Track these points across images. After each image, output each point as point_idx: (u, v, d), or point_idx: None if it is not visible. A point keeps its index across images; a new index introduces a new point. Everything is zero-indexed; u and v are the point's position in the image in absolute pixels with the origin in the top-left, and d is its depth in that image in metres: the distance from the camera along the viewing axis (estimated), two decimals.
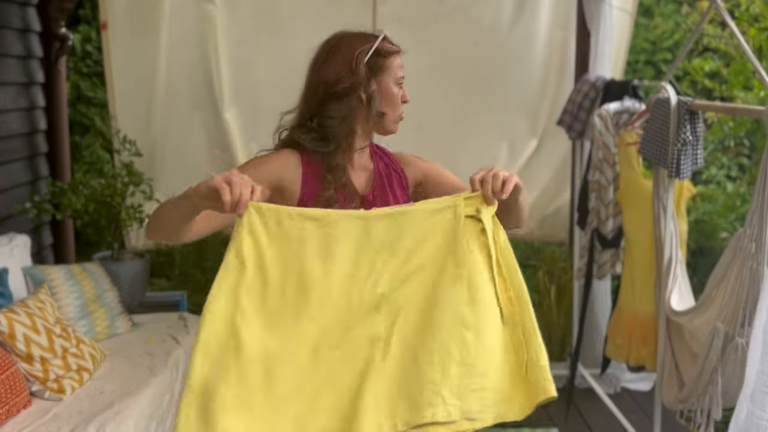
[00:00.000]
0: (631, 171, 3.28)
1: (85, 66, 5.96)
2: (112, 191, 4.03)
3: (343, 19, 4.99)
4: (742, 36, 2.68)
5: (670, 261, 2.84)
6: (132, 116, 4.56)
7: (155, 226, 1.80)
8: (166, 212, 1.74)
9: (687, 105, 2.70)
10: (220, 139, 4.73)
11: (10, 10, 3.94)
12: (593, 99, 3.77)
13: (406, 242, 1.56)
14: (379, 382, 1.50)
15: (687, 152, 2.72)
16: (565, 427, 3.83)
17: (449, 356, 1.51)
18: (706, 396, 2.44)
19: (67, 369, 2.95)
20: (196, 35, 4.52)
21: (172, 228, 1.75)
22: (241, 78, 4.65)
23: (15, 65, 4.00)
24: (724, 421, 3.92)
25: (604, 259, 3.54)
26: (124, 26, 4.39)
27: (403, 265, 1.55)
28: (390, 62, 1.85)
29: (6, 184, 3.86)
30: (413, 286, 1.55)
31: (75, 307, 3.45)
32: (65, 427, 2.62)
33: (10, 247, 3.49)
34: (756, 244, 2.28)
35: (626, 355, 3.29)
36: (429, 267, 1.56)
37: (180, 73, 4.57)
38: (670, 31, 7.38)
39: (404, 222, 1.57)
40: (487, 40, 4.60)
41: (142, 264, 4.17)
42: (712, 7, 2.77)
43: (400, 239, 1.56)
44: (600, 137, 3.32)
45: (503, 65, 4.65)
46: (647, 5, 7.52)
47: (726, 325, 2.36)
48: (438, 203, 1.62)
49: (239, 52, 4.60)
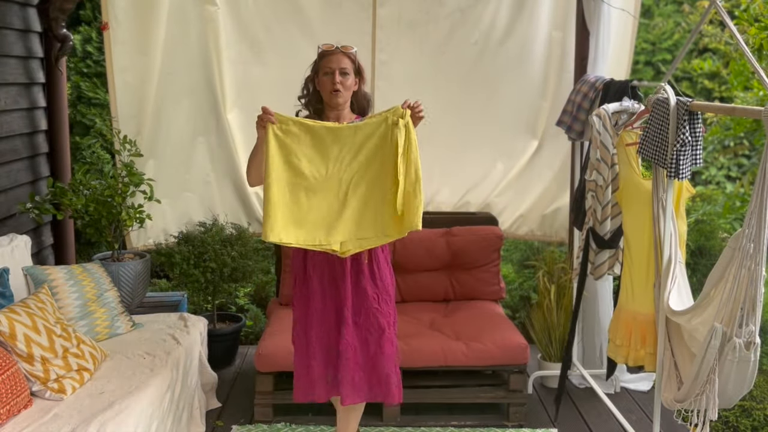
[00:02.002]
0: (631, 171, 3.28)
1: (85, 66, 5.96)
2: (112, 191, 4.03)
3: (343, 20, 5.01)
4: (741, 36, 2.68)
5: (670, 261, 2.85)
6: (133, 117, 4.56)
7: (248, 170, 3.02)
8: (250, 156, 3.01)
9: (686, 105, 2.70)
10: (221, 140, 4.74)
11: (11, 10, 3.94)
12: (593, 99, 3.77)
13: (359, 140, 2.87)
14: (342, 211, 2.89)
15: (686, 153, 2.72)
16: (565, 427, 3.84)
17: (375, 203, 2.89)
18: (704, 396, 2.45)
19: (67, 369, 2.96)
20: (198, 36, 4.53)
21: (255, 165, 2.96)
22: (242, 79, 4.66)
23: (16, 65, 4.00)
24: (723, 421, 3.93)
25: (601, 260, 3.54)
26: (126, 27, 4.40)
27: (357, 152, 2.87)
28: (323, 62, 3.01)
29: (7, 184, 3.87)
30: (363, 163, 2.88)
31: (75, 307, 3.46)
32: (66, 427, 2.63)
33: (11, 247, 3.49)
34: (754, 245, 2.28)
35: (625, 356, 3.29)
36: (371, 153, 2.87)
37: (181, 74, 4.58)
38: (669, 32, 7.38)
39: (359, 130, 2.87)
40: (485, 41, 4.61)
41: (142, 264, 4.18)
42: (711, 6, 2.78)
43: (355, 138, 2.87)
44: (598, 137, 3.32)
45: (502, 66, 4.65)
46: (647, 5, 7.53)
47: (724, 325, 2.36)
48: (378, 117, 2.88)
49: (240, 53, 4.61)
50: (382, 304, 3.03)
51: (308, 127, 2.85)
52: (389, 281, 3.10)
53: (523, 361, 3.79)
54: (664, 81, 2.93)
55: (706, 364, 2.40)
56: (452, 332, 3.92)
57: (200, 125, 4.69)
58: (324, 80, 3.00)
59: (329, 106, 3.04)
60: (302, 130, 2.84)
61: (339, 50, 3.00)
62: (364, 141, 2.86)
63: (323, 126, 2.87)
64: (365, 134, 2.86)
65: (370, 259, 3.01)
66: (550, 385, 4.31)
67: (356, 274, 3.00)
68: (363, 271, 3.00)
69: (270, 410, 3.82)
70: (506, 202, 4.86)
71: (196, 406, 3.63)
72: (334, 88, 2.96)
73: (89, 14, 6.06)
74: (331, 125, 2.88)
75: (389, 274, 3.11)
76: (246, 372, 4.50)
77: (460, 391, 3.85)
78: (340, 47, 3.01)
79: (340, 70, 2.96)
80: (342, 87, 2.97)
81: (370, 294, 3.00)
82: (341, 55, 2.99)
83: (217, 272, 4.41)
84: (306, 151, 2.84)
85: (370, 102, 3.16)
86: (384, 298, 3.04)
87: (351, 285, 2.99)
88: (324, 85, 3.00)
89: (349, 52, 3.02)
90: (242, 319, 4.78)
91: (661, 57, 7.31)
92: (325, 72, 2.99)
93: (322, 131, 2.85)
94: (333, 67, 2.97)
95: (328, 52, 3.01)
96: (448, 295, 4.44)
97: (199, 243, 4.43)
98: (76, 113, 5.79)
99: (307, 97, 3.09)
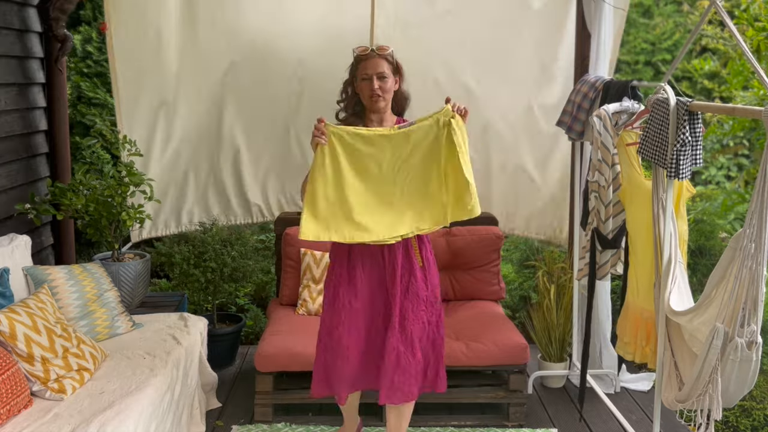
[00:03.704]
0: (633, 170, 3.29)
1: (85, 66, 5.96)
2: (112, 191, 4.03)
3: (342, 21, 5.00)
4: (741, 36, 2.68)
5: (670, 261, 2.85)
6: (135, 117, 4.57)
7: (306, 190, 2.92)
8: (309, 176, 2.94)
9: (686, 105, 2.70)
10: (222, 139, 4.74)
11: (10, 10, 3.94)
12: (593, 99, 3.76)
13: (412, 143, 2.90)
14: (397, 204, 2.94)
15: (686, 153, 2.72)
16: (565, 427, 3.84)
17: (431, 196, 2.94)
18: (707, 396, 2.44)
19: (67, 369, 2.95)
20: (199, 36, 4.53)
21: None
22: (243, 78, 4.66)
23: (15, 66, 4.00)
24: (723, 421, 3.93)
25: (604, 260, 3.54)
26: (127, 28, 4.40)
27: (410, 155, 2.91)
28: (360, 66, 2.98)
29: (6, 185, 3.86)
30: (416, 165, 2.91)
31: (76, 307, 3.46)
32: (66, 427, 2.63)
33: (11, 247, 3.49)
34: (755, 244, 2.28)
35: (633, 353, 3.30)
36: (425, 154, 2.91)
37: (182, 74, 4.58)
38: (669, 32, 7.38)
39: (411, 134, 2.90)
40: (476, 40, 4.59)
41: (142, 264, 4.18)
42: (711, 6, 2.77)
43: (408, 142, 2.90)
44: (599, 138, 3.32)
45: (498, 65, 4.64)
46: (647, 5, 7.53)
47: (725, 325, 2.36)
48: (429, 120, 2.90)
49: (242, 53, 4.61)
50: (429, 306, 3.03)
51: (362, 136, 2.88)
52: (436, 282, 3.10)
53: (523, 361, 3.79)
54: (664, 81, 2.93)
55: (708, 364, 2.40)
56: (452, 332, 3.92)
57: (203, 125, 4.70)
58: (362, 86, 2.96)
59: (371, 110, 3.00)
60: (356, 139, 2.87)
61: (375, 53, 2.94)
62: (417, 143, 2.89)
63: (376, 134, 2.89)
64: (418, 137, 2.88)
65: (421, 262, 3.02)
66: (550, 385, 4.31)
67: (407, 277, 2.99)
68: (415, 275, 3.00)
69: (270, 410, 3.82)
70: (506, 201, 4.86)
71: (196, 406, 3.63)
72: (373, 93, 2.93)
73: (89, 14, 6.06)
74: (384, 132, 2.89)
75: (436, 275, 3.11)
76: (246, 372, 4.50)
77: (460, 391, 3.85)
78: (375, 49, 2.94)
79: (378, 75, 2.92)
80: (382, 92, 2.93)
81: (420, 296, 3.00)
82: (378, 58, 2.93)
83: (217, 272, 4.41)
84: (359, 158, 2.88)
85: (408, 100, 3.11)
86: (431, 300, 3.05)
87: (401, 288, 2.98)
88: (363, 90, 2.97)
89: (386, 54, 2.95)
90: (242, 319, 4.77)
91: (661, 57, 7.30)
92: (362, 78, 2.95)
93: (376, 139, 2.88)
94: (370, 72, 2.92)
95: (363, 56, 2.95)
96: (448, 295, 4.44)
97: (199, 243, 4.44)
98: (76, 113, 5.79)
99: (346, 101, 3.04)
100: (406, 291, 2.99)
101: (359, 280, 3.00)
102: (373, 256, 2.99)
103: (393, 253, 2.99)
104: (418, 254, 3.02)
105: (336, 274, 3.05)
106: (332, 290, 3.05)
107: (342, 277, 3.02)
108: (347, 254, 3.01)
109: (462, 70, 4.63)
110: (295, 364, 3.69)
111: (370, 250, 2.98)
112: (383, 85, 2.92)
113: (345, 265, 3.02)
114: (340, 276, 3.03)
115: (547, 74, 4.60)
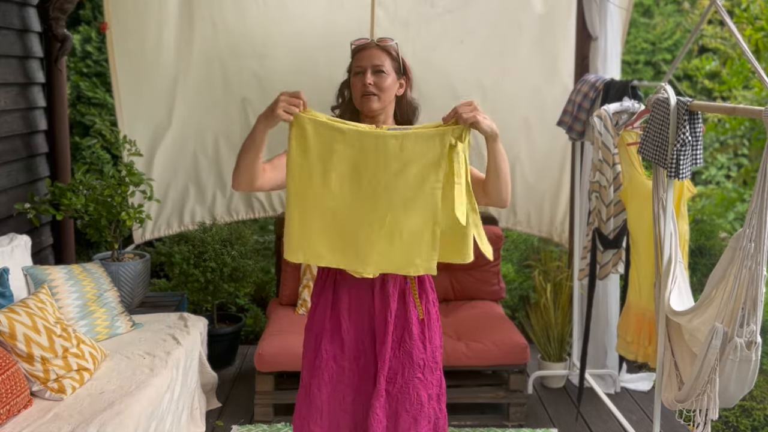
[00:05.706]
0: (633, 170, 3.29)
1: (85, 66, 5.96)
2: (112, 191, 4.03)
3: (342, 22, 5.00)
4: (740, 36, 2.68)
5: (670, 261, 2.84)
6: (135, 117, 4.57)
7: (236, 170, 2.23)
8: (240, 153, 2.22)
9: (686, 105, 2.70)
10: (223, 138, 4.75)
11: (10, 10, 3.94)
12: (593, 99, 3.76)
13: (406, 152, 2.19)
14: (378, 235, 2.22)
15: (686, 152, 2.72)
16: (565, 427, 3.84)
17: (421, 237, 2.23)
18: (705, 396, 2.44)
19: (67, 369, 2.95)
20: (199, 36, 4.53)
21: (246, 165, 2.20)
22: (244, 78, 4.66)
23: (15, 65, 4.00)
24: (724, 421, 3.93)
25: (605, 260, 3.54)
26: (128, 28, 4.41)
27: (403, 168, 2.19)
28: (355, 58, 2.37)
29: (6, 185, 3.86)
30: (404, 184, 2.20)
31: (75, 307, 3.46)
32: (66, 427, 2.63)
33: (11, 247, 3.49)
34: (755, 245, 2.28)
35: (635, 352, 3.30)
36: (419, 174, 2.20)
37: (183, 74, 4.59)
38: (669, 31, 7.38)
39: (406, 139, 2.19)
40: (473, 40, 4.59)
41: (142, 264, 4.18)
42: (711, 5, 2.77)
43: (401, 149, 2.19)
44: (599, 138, 3.32)
45: (497, 64, 4.64)
46: (647, 5, 7.52)
47: (725, 325, 2.36)
48: (432, 130, 2.20)
49: (243, 52, 4.61)
50: (427, 373, 2.40)
51: (342, 130, 2.21)
52: (438, 343, 2.46)
53: (523, 361, 3.79)
54: (664, 81, 2.93)
55: (707, 364, 2.39)
56: (452, 332, 3.92)
57: (203, 125, 4.70)
58: (354, 81, 2.35)
59: (363, 114, 2.38)
60: (335, 131, 2.20)
61: (373, 44, 2.35)
62: (412, 159, 2.20)
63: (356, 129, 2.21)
64: (414, 152, 2.20)
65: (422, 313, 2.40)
66: (550, 385, 4.31)
67: (401, 331, 2.38)
68: (411, 330, 2.37)
69: (270, 410, 3.82)
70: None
71: (196, 406, 3.63)
72: (365, 90, 2.31)
73: (89, 14, 6.06)
74: (367, 129, 2.21)
75: (439, 335, 2.46)
76: (246, 372, 4.50)
77: (460, 391, 3.85)
78: (375, 40, 2.36)
79: (373, 68, 2.31)
80: (375, 88, 2.31)
81: (415, 359, 2.37)
82: (375, 49, 2.33)
83: (216, 272, 4.41)
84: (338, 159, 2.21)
85: (416, 111, 2.47)
86: (430, 365, 2.40)
87: (392, 345, 2.37)
88: (354, 87, 2.36)
89: (387, 45, 2.34)
90: (242, 319, 4.78)
91: (661, 57, 7.30)
92: (355, 72, 2.35)
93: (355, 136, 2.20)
94: (364, 65, 2.32)
95: (360, 47, 2.36)
96: (448, 295, 4.44)
97: (199, 243, 4.44)
98: (76, 113, 5.79)
99: (341, 106, 2.45)
100: (398, 348, 2.37)
101: (345, 332, 2.39)
102: (360, 299, 2.38)
103: (386, 297, 2.36)
104: (418, 302, 2.39)
105: (317, 321, 2.44)
106: (313, 341, 2.44)
107: (324, 327, 2.41)
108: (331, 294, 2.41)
109: (462, 69, 4.63)
110: (295, 364, 3.67)
111: (357, 291, 2.37)
112: (378, 81, 2.30)
113: (328, 311, 2.41)
114: (323, 325, 2.42)
115: (548, 74, 4.60)
